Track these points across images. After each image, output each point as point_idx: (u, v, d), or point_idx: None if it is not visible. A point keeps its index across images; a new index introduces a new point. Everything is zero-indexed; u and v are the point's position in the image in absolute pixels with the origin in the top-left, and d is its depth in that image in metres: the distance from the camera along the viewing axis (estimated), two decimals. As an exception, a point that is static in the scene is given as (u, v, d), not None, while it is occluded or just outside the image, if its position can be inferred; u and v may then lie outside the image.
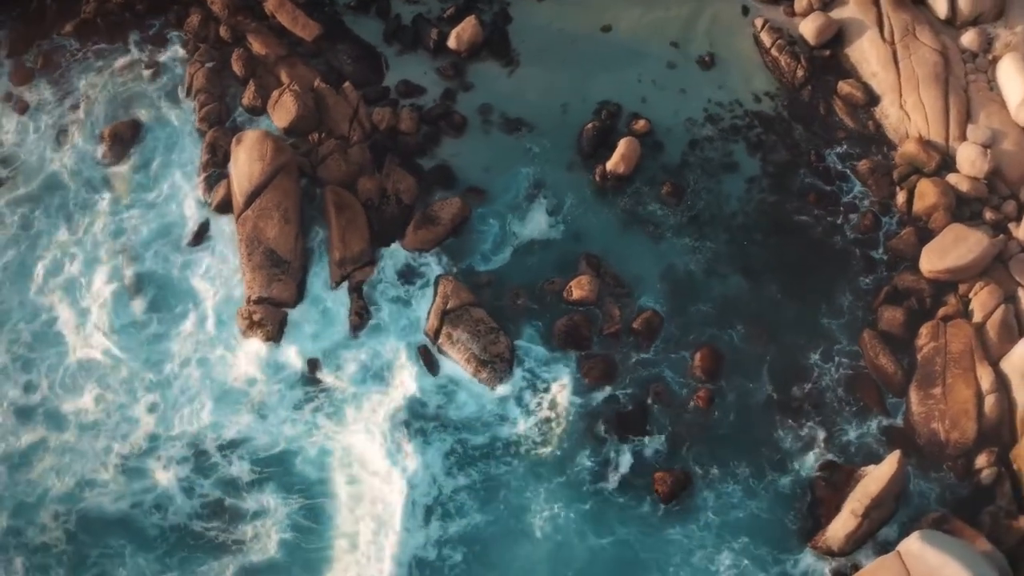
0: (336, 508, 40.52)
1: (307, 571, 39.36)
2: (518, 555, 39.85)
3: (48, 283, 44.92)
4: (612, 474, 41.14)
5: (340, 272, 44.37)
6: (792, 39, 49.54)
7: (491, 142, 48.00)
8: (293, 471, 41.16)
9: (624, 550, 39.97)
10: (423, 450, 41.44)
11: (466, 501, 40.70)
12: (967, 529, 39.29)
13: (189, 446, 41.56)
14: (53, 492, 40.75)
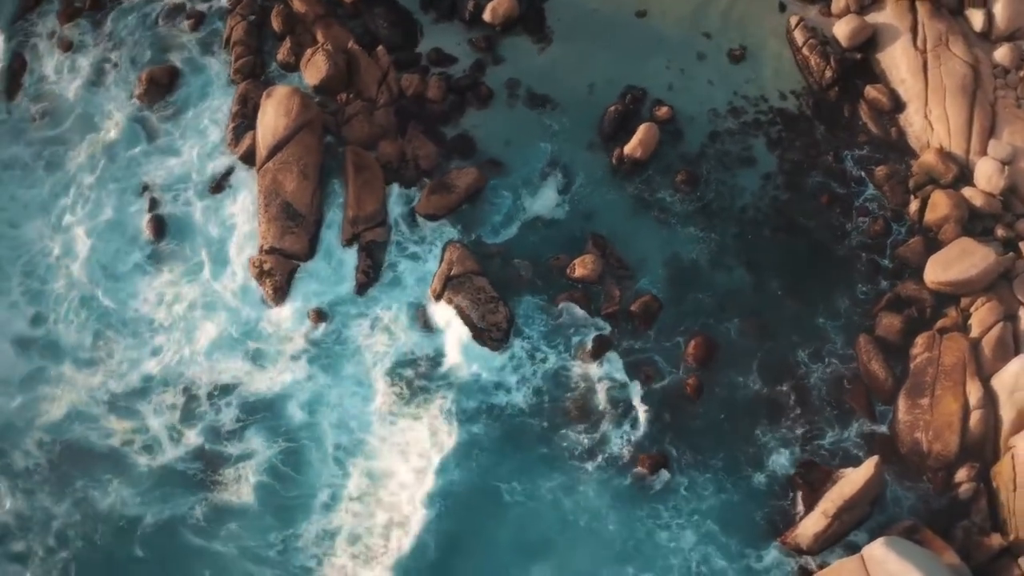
0: (321, 458, 41.45)
1: (279, 518, 40.31)
2: (489, 514, 40.44)
3: (66, 220, 46.30)
4: (592, 449, 41.55)
5: (352, 230, 45.14)
6: (825, 39, 49.07)
7: (514, 116, 48.35)
8: (282, 417, 42.19)
9: (594, 522, 40.38)
10: (413, 407, 42.24)
11: (448, 459, 41.33)
12: (937, 541, 39.09)
13: (184, 390, 42.70)
14: (42, 420, 42.16)
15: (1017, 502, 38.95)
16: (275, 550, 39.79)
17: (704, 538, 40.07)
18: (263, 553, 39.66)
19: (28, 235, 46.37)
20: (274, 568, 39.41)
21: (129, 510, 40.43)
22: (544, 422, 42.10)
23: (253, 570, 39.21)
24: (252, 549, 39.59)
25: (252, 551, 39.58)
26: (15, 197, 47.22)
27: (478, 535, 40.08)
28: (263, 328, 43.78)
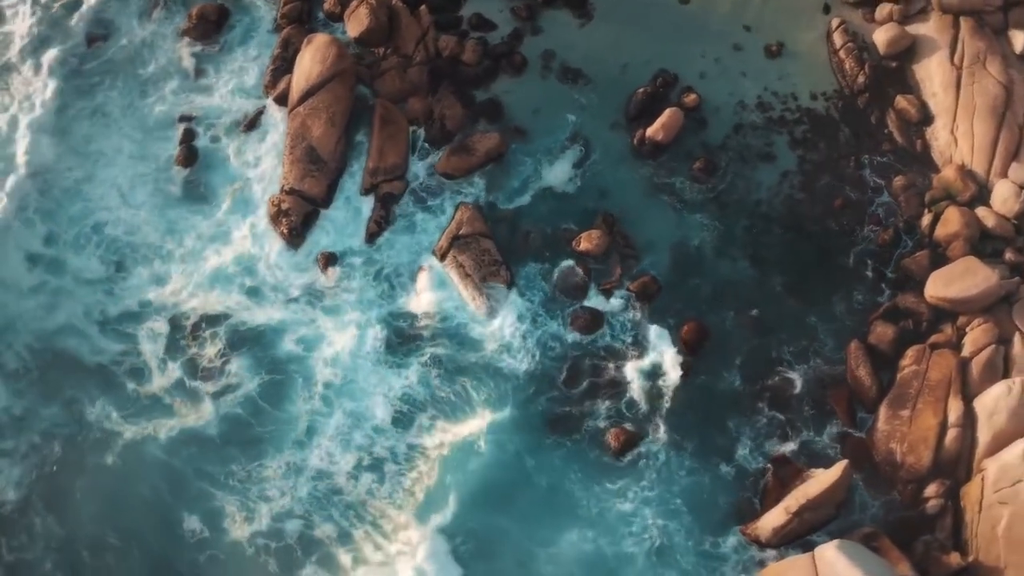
0: (307, 395, 42.56)
1: (249, 447, 41.61)
2: (463, 469, 41.20)
3: (94, 144, 47.39)
4: (570, 417, 42.02)
5: (371, 181, 45.84)
6: (863, 45, 48.24)
7: (545, 87, 48.42)
8: (275, 350, 43.30)
9: (558, 483, 41.02)
10: (404, 356, 43.07)
11: (431, 411, 42.18)
12: (895, 551, 38.85)
13: (180, 320, 43.93)
14: (38, 328, 43.65)
15: (981, 524, 38.64)
16: (236, 478, 40.97)
17: (667, 515, 40.39)
18: (223, 479, 40.89)
19: (51, 156, 47.60)
20: (232, 493, 40.66)
21: (110, 424, 41.94)
22: (528, 386, 42.58)
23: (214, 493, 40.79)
24: (213, 474, 40.91)
25: (213, 475, 40.90)
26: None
27: (442, 484, 40.94)
28: (272, 266, 44.71)
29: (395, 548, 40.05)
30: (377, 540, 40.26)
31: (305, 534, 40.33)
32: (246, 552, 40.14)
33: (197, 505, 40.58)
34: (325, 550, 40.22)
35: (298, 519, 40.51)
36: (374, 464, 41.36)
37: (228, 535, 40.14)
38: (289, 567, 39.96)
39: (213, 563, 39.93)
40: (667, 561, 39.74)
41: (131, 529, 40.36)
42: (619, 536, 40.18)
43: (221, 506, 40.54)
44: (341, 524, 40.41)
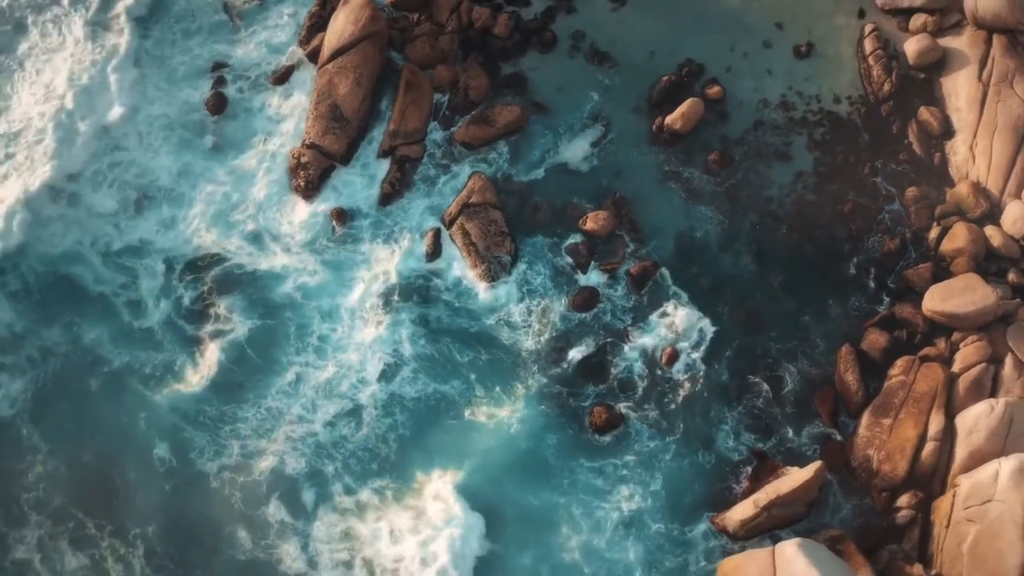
0: (300, 346, 43.31)
1: (229, 390, 42.45)
2: (440, 423, 41.94)
3: (126, 89, 47.97)
4: (555, 392, 42.31)
5: (390, 143, 46.22)
6: (893, 53, 47.53)
7: (572, 66, 48.42)
8: (274, 295, 44.07)
9: (539, 455, 41.38)
10: (398, 314, 43.57)
11: (417, 367, 42.71)
12: (858, 557, 38.70)
13: (182, 258, 44.78)
14: (44, 252, 44.68)
15: (948, 539, 38.30)
16: (209, 416, 42.01)
17: (640, 495, 40.69)
18: (198, 416, 41.93)
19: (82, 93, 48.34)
20: (203, 430, 41.69)
21: (102, 350, 43.04)
22: (518, 356, 43.06)
23: (183, 426, 41.83)
24: (189, 411, 42.04)
25: (188, 412, 42.04)
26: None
27: (417, 435, 41.74)
28: (283, 217, 45.45)
29: (365, 494, 40.75)
30: (347, 482, 41.05)
31: (275, 470, 41.14)
32: (211, 484, 41.02)
33: (169, 436, 41.57)
34: (292, 487, 41.04)
35: (271, 456, 41.36)
36: (354, 411, 42.09)
37: (195, 466, 41.09)
38: (254, 501, 40.78)
39: (178, 491, 40.92)
40: (634, 538, 39.97)
41: (107, 451, 41.49)
42: (588, 507, 40.49)
43: (191, 439, 41.46)
44: (313, 463, 41.26)
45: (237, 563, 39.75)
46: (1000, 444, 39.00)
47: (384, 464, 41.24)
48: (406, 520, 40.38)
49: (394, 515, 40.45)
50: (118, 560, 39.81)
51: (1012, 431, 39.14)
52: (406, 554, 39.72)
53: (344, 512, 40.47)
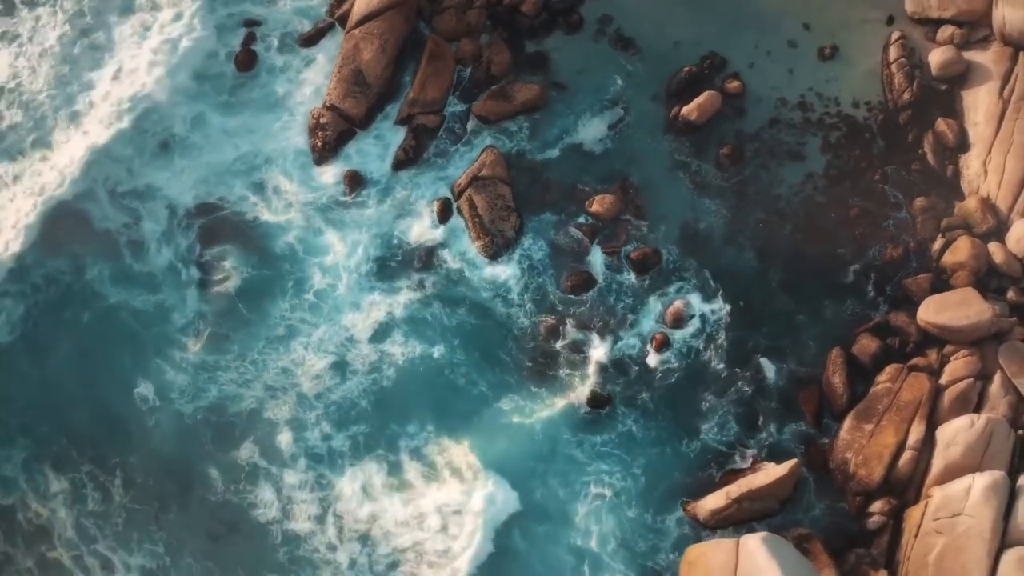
0: (296, 300, 43.94)
1: (212, 348, 43.17)
2: (425, 383, 42.44)
3: (155, 32, 48.52)
4: (545, 368, 42.59)
5: (408, 111, 46.44)
6: (917, 63, 46.66)
7: (595, 49, 48.18)
8: (269, 248, 44.75)
9: (521, 420, 41.81)
10: (397, 279, 44.04)
11: (409, 330, 43.22)
12: (824, 557, 38.67)
13: (187, 204, 45.39)
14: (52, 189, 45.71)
15: (915, 548, 38.05)
16: (195, 360, 42.91)
17: (617, 475, 40.90)
18: (182, 358, 42.94)
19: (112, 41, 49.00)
20: (184, 374, 42.53)
21: (100, 286, 43.91)
22: (511, 329, 43.26)
23: (166, 368, 42.74)
24: (173, 353, 43.04)
25: (172, 354, 43.01)
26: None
27: (399, 391, 42.26)
28: (295, 174, 45.91)
29: (343, 447, 41.50)
30: (325, 429, 41.78)
31: (253, 415, 41.99)
32: (188, 425, 41.82)
33: (153, 376, 42.43)
34: (268, 431, 41.87)
35: (250, 402, 42.16)
36: (339, 365, 42.70)
37: (174, 406, 41.93)
38: (229, 445, 41.61)
39: (157, 428, 41.84)
40: (608, 514, 40.28)
41: (93, 384, 42.57)
42: (565, 479, 40.84)
43: (173, 381, 42.29)
44: (295, 413, 42.01)
45: (210, 503, 40.68)
46: (977, 459, 38.66)
47: (364, 419, 41.80)
48: (381, 477, 40.94)
49: (370, 469, 41.01)
50: (97, 487, 40.95)
51: (990, 448, 38.77)
52: (380, 509, 40.40)
53: (319, 462, 41.15)
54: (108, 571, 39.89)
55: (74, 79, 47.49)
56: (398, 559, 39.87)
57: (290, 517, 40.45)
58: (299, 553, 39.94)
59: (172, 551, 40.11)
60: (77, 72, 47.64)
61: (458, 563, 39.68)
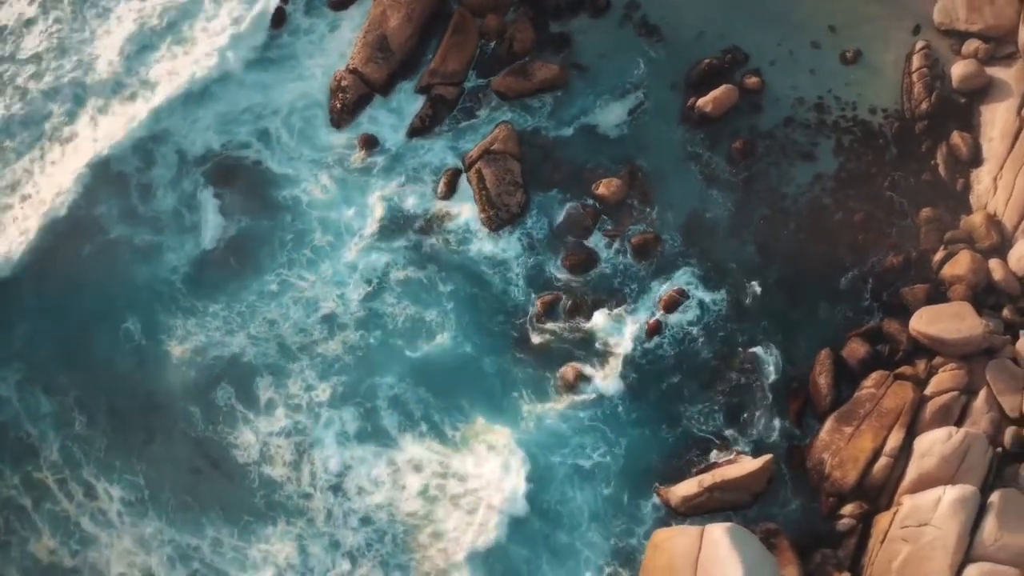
0: (294, 259, 44.43)
1: (211, 283, 43.93)
2: (412, 343, 42.78)
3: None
4: (535, 342, 42.70)
5: (428, 80, 46.70)
6: (939, 74, 45.92)
7: (620, 34, 48.11)
8: (275, 199, 45.34)
9: (508, 393, 42.00)
10: (398, 241, 44.40)
11: (403, 295, 43.53)
12: (789, 553, 38.50)
13: (194, 151, 46.20)
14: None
15: (881, 554, 37.81)
16: (182, 306, 43.64)
17: (597, 451, 40.98)
18: (176, 301, 43.67)
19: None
20: (179, 317, 43.32)
21: (107, 222, 44.85)
22: (505, 303, 43.48)
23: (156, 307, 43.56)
24: (165, 294, 43.87)
25: (165, 295, 43.85)
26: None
27: (385, 347, 42.72)
28: (312, 133, 46.45)
29: (323, 396, 42.03)
30: (308, 378, 42.33)
31: (236, 359, 42.57)
32: (172, 362, 42.48)
33: (141, 313, 43.25)
34: (248, 378, 42.39)
35: (234, 347, 42.76)
36: (327, 319, 43.22)
37: (161, 345, 42.70)
38: (207, 387, 42.22)
39: (143, 363, 42.62)
40: (583, 490, 40.39)
41: (86, 315, 43.58)
42: (548, 450, 40.99)
43: (162, 321, 43.05)
44: (278, 363, 42.54)
45: (190, 441, 41.43)
46: (951, 472, 38.21)
47: (345, 371, 42.30)
48: (355, 424, 41.50)
49: (347, 417, 41.60)
50: (83, 413, 41.98)
51: (966, 462, 38.31)
52: (356, 462, 40.87)
53: (296, 411, 41.72)
54: (91, 498, 40.65)
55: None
56: (371, 515, 40.20)
57: (267, 462, 41.06)
58: (275, 498, 40.50)
59: (152, 484, 40.89)
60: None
61: (437, 526, 40.02)
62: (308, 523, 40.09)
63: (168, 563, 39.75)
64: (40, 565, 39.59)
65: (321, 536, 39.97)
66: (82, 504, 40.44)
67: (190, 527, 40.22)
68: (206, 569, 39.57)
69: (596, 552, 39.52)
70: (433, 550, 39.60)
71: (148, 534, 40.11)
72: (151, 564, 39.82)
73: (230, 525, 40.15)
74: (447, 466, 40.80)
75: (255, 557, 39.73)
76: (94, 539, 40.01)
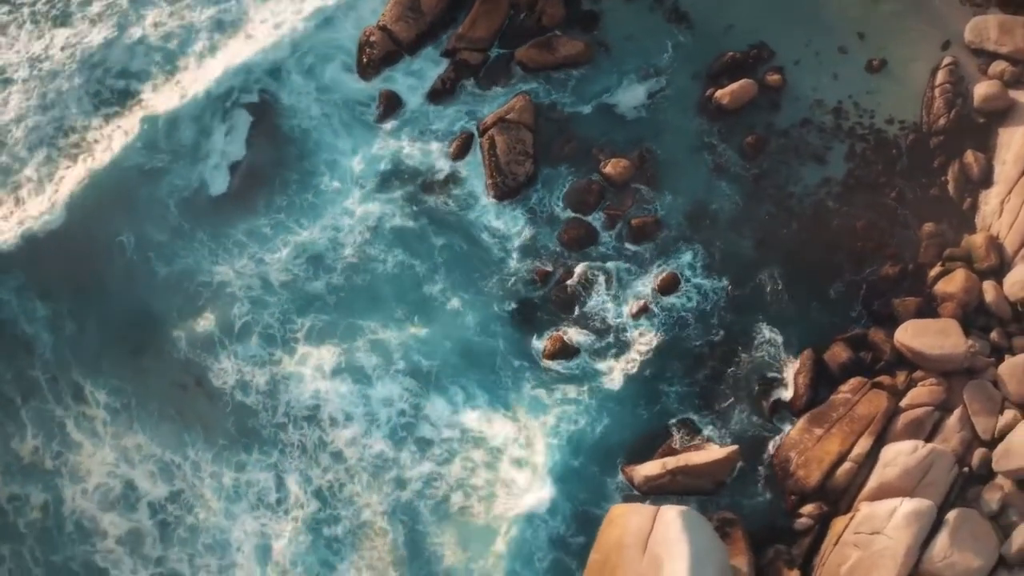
0: (290, 204, 44.96)
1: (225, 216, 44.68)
2: (400, 286, 43.34)
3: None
4: (523, 308, 42.92)
5: (454, 44, 46.68)
6: (962, 92, 44.87)
7: (649, 18, 47.60)
8: (288, 138, 45.86)
9: (490, 351, 42.30)
10: (400, 193, 44.78)
11: (396, 244, 43.98)
12: (742, 544, 38.34)
13: (217, 90, 46.66)
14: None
15: (832, 556, 37.50)
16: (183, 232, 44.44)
17: (573, 421, 41.04)
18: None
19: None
20: (172, 237, 44.05)
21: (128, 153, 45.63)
22: (494, 268, 43.64)
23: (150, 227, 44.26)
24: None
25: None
26: None
27: (373, 291, 43.25)
28: (336, 82, 46.72)
29: (299, 333, 42.63)
30: (287, 312, 42.97)
31: (220, 287, 43.30)
32: (158, 281, 43.31)
33: (136, 231, 43.99)
34: (229, 306, 43.05)
35: (220, 276, 43.43)
36: (316, 259, 43.76)
37: (150, 263, 43.42)
38: (192, 312, 42.97)
39: (132, 277, 43.41)
40: (556, 455, 40.58)
41: (83, 225, 44.19)
42: (524, 410, 41.30)
43: (154, 239, 43.77)
44: (259, 295, 43.16)
45: (172, 357, 42.28)
46: (911, 485, 37.71)
47: (327, 310, 42.96)
48: (333, 359, 42.07)
49: (325, 355, 42.17)
50: (74, 319, 42.78)
51: (928, 477, 37.80)
52: (323, 391, 41.57)
53: (271, 343, 42.37)
54: (79, 400, 41.58)
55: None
56: (341, 450, 40.84)
57: (243, 390, 41.61)
58: (250, 425, 41.17)
59: (137, 395, 41.71)
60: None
61: (403, 471, 40.47)
62: (281, 454, 40.71)
63: (150, 478, 40.52)
64: (21, 463, 40.51)
65: (293, 471, 40.50)
66: (69, 407, 41.44)
67: (172, 444, 41.06)
68: (188, 490, 40.29)
69: (557, 518, 39.82)
70: (400, 492, 40.23)
71: (131, 446, 40.95)
72: (133, 477, 40.55)
73: (209, 448, 40.86)
74: (420, 408, 41.24)
75: (229, 486, 40.43)
76: (78, 444, 40.89)
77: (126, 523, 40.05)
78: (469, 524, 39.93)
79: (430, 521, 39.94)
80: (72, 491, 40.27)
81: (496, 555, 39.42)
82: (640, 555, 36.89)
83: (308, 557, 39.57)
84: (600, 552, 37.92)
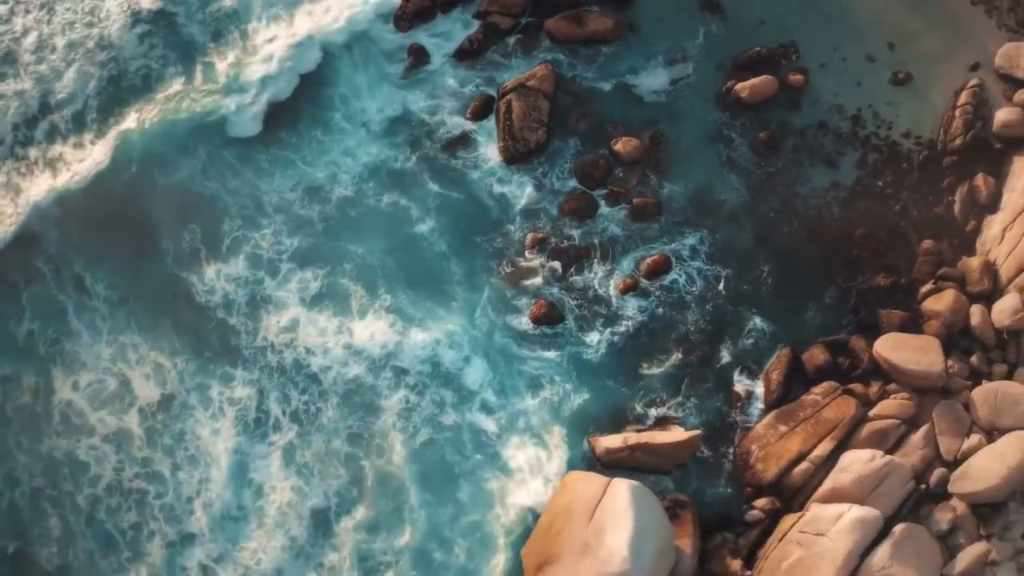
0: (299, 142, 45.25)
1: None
2: (394, 234, 43.54)
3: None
4: (513, 269, 42.93)
5: (487, 7, 46.44)
6: (982, 115, 43.62)
7: (683, 4, 46.77)
8: (310, 80, 46.06)
9: (473, 305, 42.48)
10: (409, 143, 44.88)
11: (393, 187, 44.28)
12: (689, 527, 38.23)
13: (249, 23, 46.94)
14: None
15: (775, 552, 37.33)
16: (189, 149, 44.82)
17: (549, 384, 41.30)
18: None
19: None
20: (181, 154, 44.41)
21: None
22: (491, 228, 43.73)
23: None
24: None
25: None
26: None
27: (359, 233, 43.61)
28: (368, 27, 46.71)
29: (284, 248, 43.21)
30: (277, 234, 43.40)
31: (212, 200, 43.77)
32: (154, 194, 43.65)
33: (145, 153, 44.23)
34: (218, 222, 43.41)
35: (212, 189, 43.97)
36: (313, 190, 44.18)
37: (153, 176, 43.97)
38: (182, 220, 43.37)
39: (132, 182, 43.87)
40: (528, 415, 40.95)
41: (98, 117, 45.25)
42: (500, 369, 41.68)
43: (164, 154, 44.17)
44: (246, 217, 43.62)
45: (166, 265, 42.75)
46: (863, 493, 37.23)
47: (314, 235, 43.37)
48: (316, 284, 42.70)
49: (308, 276, 42.80)
50: (75, 219, 43.45)
51: (881, 487, 37.31)
52: (306, 323, 42.10)
53: (257, 265, 42.83)
54: (80, 291, 42.27)
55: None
56: (320, 376, 41.42)
57: (227, 309, 42.16)
58: (233, 344, 41.78)
59: (132, 294, 42.39)
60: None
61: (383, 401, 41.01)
62: (262, 372, 41.42)
63: (144, 380, 41.32)
64: (15, 346, 41.47)
65: (272, 390, 41.16)
66: (70, 295, 42.21)
67: (166, 348, 41.73)
68: (182, 395, 41.08)
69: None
70: (372, 421, 40.83)
71: (127, 344, 41.72)
72: (131, 377, 41.33)
73: (196, 359, 41.60)
74: (400, 345, 41.70)
75: (216, 399, 41.18)
76: (76, 333, 41.78)
77: (116, 422, 40.81)
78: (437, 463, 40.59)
79: (399, 451, 40.46)
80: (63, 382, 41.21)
81: (457, 503, 39.98)
82: (586, 522, 37.05)
83: (283, 481, 40.18)
84: (548, 515, 38.20)
